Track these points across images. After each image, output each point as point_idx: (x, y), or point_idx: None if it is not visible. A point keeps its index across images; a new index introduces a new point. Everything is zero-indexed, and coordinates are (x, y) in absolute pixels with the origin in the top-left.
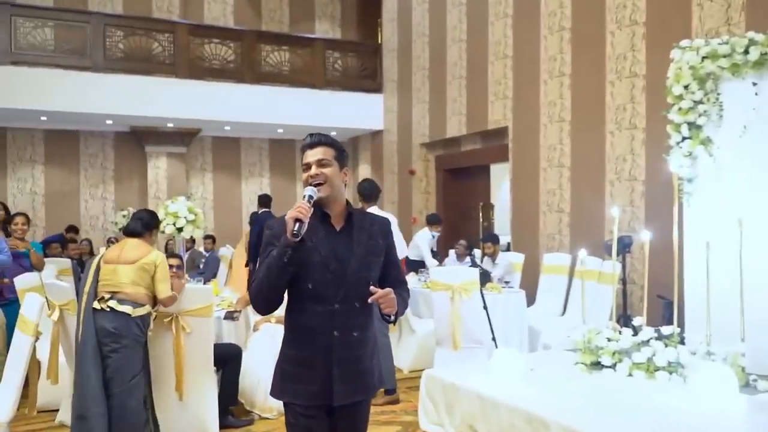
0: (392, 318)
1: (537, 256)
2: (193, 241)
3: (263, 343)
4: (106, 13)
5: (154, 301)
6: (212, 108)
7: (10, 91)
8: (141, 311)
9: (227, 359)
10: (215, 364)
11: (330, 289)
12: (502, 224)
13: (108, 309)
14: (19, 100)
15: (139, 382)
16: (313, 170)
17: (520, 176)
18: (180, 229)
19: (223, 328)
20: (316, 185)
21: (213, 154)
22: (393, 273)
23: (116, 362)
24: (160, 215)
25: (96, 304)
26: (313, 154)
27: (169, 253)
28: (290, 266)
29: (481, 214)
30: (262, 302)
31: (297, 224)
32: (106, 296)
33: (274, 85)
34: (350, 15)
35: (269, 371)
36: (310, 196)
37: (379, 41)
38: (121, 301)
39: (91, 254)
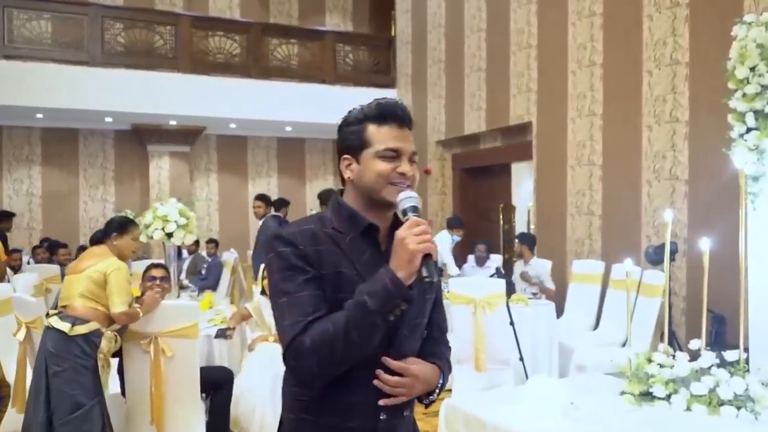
0: (432, 396)
1: (564, 263)
2: (197, 244)
3: (260, 365)
4: (105, 5)
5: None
6: (217, 105)
7: (3, 88)
8: (81, 329)
9: (217, 385)
10: (203, 391)
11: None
12: (524, 228)
13: (50, 326)
14: (14, 96)
15: (88, 416)
16: (407, 166)
17: (545, 176)
18: (170, 235)
19: (215, 348)
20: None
21: (218, 153)
22: (437, 318)
23: (57, 390)
24: (147, 219)
25: (46, 320)
26: (404, 138)
27: (153, 263)
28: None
29: (501, 217)
30: (328, 365)
31: (425, 263)
32: (52, 312)
33: (282, 80)
34: (362, 7)
35: (266, 397)
36: (415, 208)
37: (393, 34)
38: (63, 317)
39: None
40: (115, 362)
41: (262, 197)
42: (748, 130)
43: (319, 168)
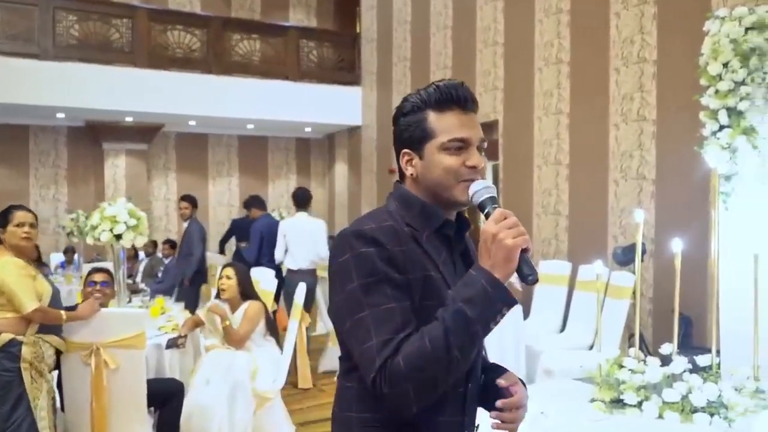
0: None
1: None
2: (154, 245)
3: (215, 374)
4: None
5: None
6: (176, 101)
7: None
8: None
9: (165, 397)
10: (150, 404)
11: None
12: None
13: None
14: None
15: None
16: (476, 158)
17: (511, 175)
18: (118, 237)
19: (165, 359)
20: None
21: (177, 151)
22: None
23: None
24: (95, 220)
25: None
26: (471, 125)
27: (95, 267)
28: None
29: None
30: (428, 389)
31: (523, 259)
32: None
33: (243, 76)
34: (327, 3)
35: (224, 408)
36: (494, 198)
37: (358, 30)
38: None
39: (39, 262)
40: (56, 373)
41: (189, 198)
42: (721, 127)
43: (282, 167)
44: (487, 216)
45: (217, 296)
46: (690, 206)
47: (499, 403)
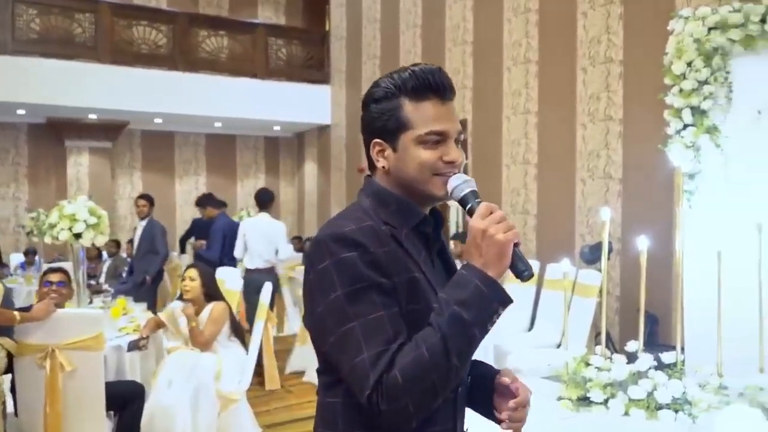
0: None
1: None
2: (117, 245)
3: (178, 375)
4: None
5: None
6: (141, 98)
7: None
8: None
9: (125, 400)
10: (110, 408)
11: None
12: (458, 227)
13: None
14: None
15: None
16: (455, 152)
17: (479, 174)
18: (78, 236)
19: (126, 361)
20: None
21: (142, 149)
22: None
23: None
24: (53, 218)
25: None
26: (449, 117)
27: (51, 267)
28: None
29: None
30: (427, 401)
31: (515, 254)
32: None
33: (210, 73)
34: (296, 0)
35: (187, 411)
36: (476, 192)
37: (327, 28)
38: None
39: (0, 263)
40: (9, 377)
41: (146, 197)
42: (685, 126)
43: (250, 166)
44: (470, 212)
45: (180, 297)
46: (656, 205)
47: (512, 403)
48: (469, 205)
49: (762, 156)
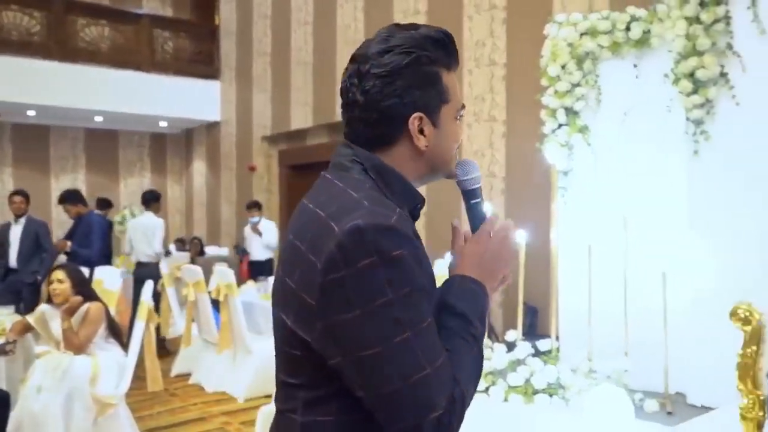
0: None
1: None
2: None
3: (48, 381)
4: None
5: None
6: (11, 88)
7: None
8: None
9: None
10: None
11: None
12: None
13: None
14: None
15: None
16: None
17: None
18: None
19: None
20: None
21: (14, 144)
22: None
23: None
24: None
25: None
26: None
27: None
28: None
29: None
30: (461, 420)
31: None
32: None
33: (90, 64)
34: None
35: (59, 418)
36: (480, 189)
37: (217, 23)
38: None
39: None
40: None
41: (22, 192)
42: (559, 126)
43: (135, 164)
44: (473, 205)
45: (49, 301)
46: (535, 202)
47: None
48: (476, 200)
49: (628, 154)
